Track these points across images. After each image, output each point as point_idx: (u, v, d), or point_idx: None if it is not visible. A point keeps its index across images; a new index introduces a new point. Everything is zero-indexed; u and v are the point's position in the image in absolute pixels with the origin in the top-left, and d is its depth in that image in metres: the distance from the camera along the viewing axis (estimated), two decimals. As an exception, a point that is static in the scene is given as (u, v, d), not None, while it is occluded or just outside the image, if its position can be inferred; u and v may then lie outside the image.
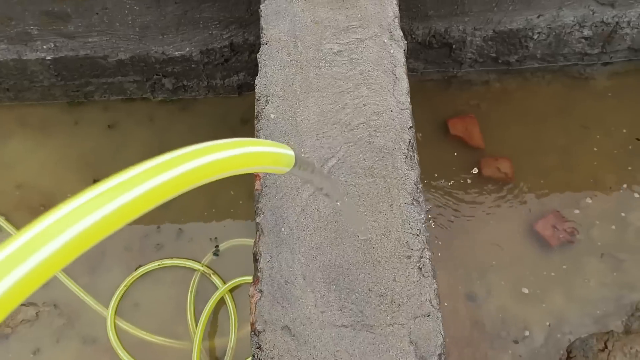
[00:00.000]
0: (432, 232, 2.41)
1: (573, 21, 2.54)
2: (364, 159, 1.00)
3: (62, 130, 2.83)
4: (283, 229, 0.95)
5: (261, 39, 1.17)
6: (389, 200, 0.96)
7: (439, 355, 0.83)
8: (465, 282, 2.31)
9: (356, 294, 0.88)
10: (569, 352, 2.10)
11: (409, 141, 1.01)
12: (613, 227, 2.34)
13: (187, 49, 2.62)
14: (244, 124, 2.77)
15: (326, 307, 0.88)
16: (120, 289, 2.36)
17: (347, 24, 1.17)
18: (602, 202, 2.40)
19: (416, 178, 0.98)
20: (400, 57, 1.12)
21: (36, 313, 2.34)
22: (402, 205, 0.96)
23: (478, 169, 2.54)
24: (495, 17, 2.52)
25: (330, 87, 1.09)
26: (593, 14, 2.53)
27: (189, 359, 2.22)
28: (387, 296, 0.89)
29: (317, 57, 1.13)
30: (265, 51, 1.14)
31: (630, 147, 2.51)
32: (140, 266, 2.41)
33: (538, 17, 2.52)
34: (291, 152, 0.62)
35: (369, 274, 0.90)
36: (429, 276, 0.90)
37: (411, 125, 1.03)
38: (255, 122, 1.06)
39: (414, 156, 1.01)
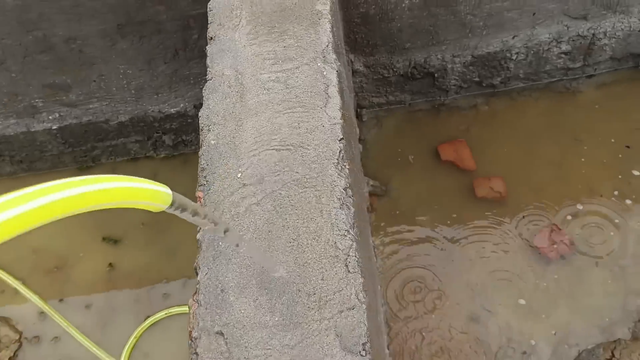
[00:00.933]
0: (432, 256, 2.42)
1: (549, 38, 2.60)
2: (297, 172, 1.07)
3: (73, 195, 2.96)
4: (220, 243, 1.01)
5: (207, 76, 1.27)
6: (319, 207, 1.02)
7: (363, 344, 0.87)
8: (467, 303, 2.29)
9: (287, 295, 0.93)
10: (576, 364, 2.05)
11: (339, 152, 1.08)
12: (611, 233, 2.31)
13: (182, 104, 2.76)
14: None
15: (258, 310, 0.93)
16: (130, 341, 2.42)
17: (285, 54, 1.26)
18: (597, 210, 2.38)
19: (345, 184, 1.04)
20: (333, 78, 1.20)
21: (52, 370, 2.42)
22: (331, 210, 1.01)
23: (472, 190, 2.56)
24: (471, 43, 2.59)
25: (267, 111, 1.17)
26: (568, 28, 2.58)
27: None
28: (316, 294, 0.93)
29: (256, 85, 1.22)
30: (208, 86, 1.24)
31: (620, 156, 2.51)
32: (148, 317, 2.47)
33: (513, 38, 2.58)
34: (169, 191, 0.67)
35: (299, 275, 0.95)
36: (355, 272, 0.94)
37: (341, 137, 1.10)
38: (200, 150, 1.14)
39: (344, 165, 1.07)
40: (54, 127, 2.80)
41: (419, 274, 2.39)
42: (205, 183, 1.12)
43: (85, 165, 3.04)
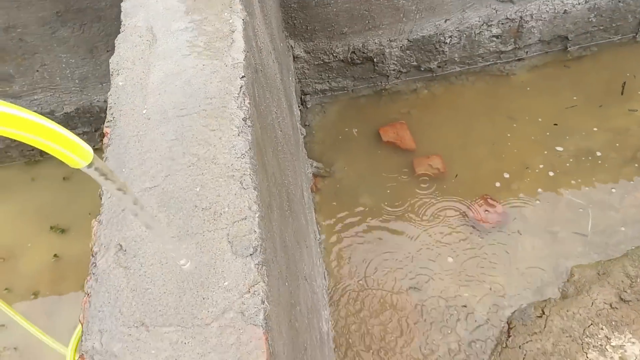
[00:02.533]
0: (373, 231, 2.48)
1: (479, 21, 2.71)
2: (199, 105, 1.12)
3: (20, 188, 2.97)
4: (124, 170, 1.06)
5: (120, 29, 1.32)
6: (219, 135, 1.07)
7: (255, 247, 0.92)
8: (409, 275, 2.36)
9: (184, 212, 0.98)
10: (509, 323, 2.12)
11: (240, 88, 1.14)
12: (538, 202, 2.41)
13: (127, 94, 2.78)
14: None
15: (156, 225, 0.98)
16: (79, 327, 2.41)
17: (195, 7, 1.33)
18: (527, 183, 2.48)
19: (244, 115, 1.10)
20: (238, 25, 1.27)
21: (-4, 357, 2.40)
22: (230, 136, 1.07)
23: (412, 168, 2.64)
24: (406, 27, 2.69)
25: (175, 55, 1.22)
26: (496, 12, 2.70)
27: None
28: (211, 209, 0.98)
29: (166, 34, 1.28)
30: (120, 37, 1.30)
31: (547, 133, 2.63)
32: (94, 301, 2.47)
33: (445, 21, 2.69)
34: (91, 151, 0.63)
35: (196, 194, 1.00)
36: (249, 188, 0.99)
37: (243, 75, 1.16)
38: (108, 92, 1.20)
39: (244, 100, 1.13)
40: (-1, 120, 2.79)
41: (362, 248, 2.45)
42: (112, 119, 1.17)
43: (33, 159, 3.04)
